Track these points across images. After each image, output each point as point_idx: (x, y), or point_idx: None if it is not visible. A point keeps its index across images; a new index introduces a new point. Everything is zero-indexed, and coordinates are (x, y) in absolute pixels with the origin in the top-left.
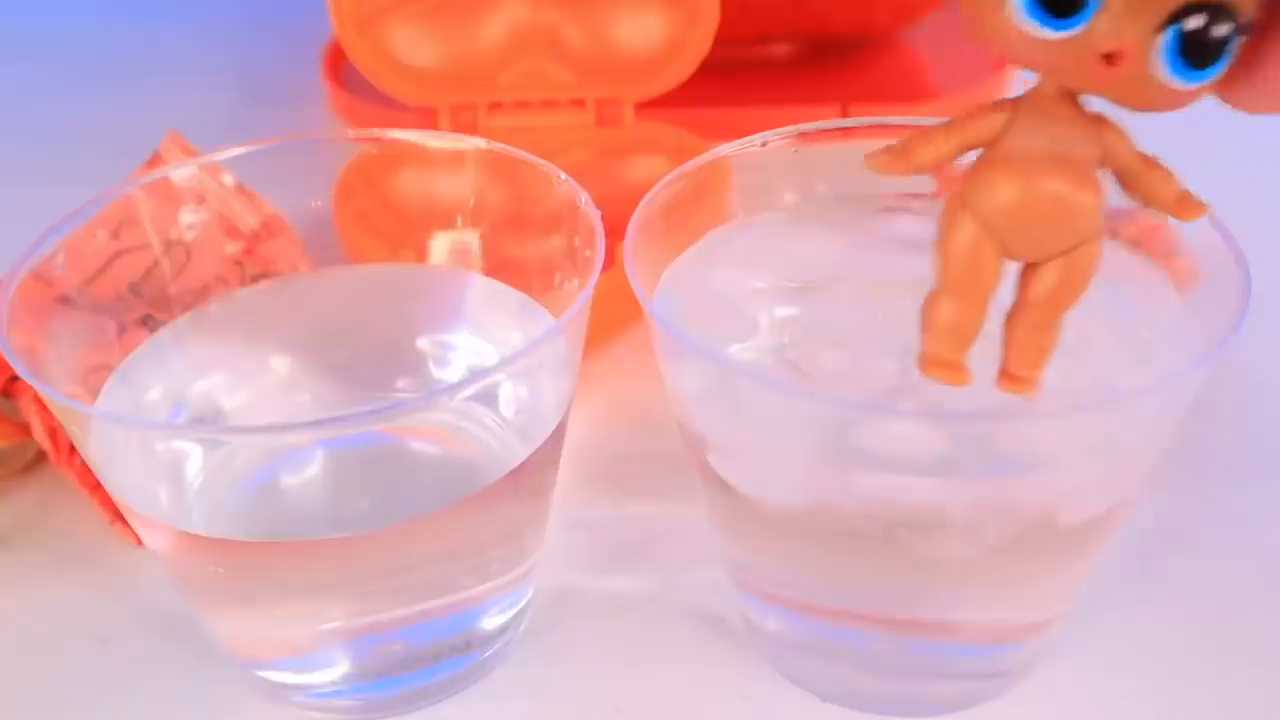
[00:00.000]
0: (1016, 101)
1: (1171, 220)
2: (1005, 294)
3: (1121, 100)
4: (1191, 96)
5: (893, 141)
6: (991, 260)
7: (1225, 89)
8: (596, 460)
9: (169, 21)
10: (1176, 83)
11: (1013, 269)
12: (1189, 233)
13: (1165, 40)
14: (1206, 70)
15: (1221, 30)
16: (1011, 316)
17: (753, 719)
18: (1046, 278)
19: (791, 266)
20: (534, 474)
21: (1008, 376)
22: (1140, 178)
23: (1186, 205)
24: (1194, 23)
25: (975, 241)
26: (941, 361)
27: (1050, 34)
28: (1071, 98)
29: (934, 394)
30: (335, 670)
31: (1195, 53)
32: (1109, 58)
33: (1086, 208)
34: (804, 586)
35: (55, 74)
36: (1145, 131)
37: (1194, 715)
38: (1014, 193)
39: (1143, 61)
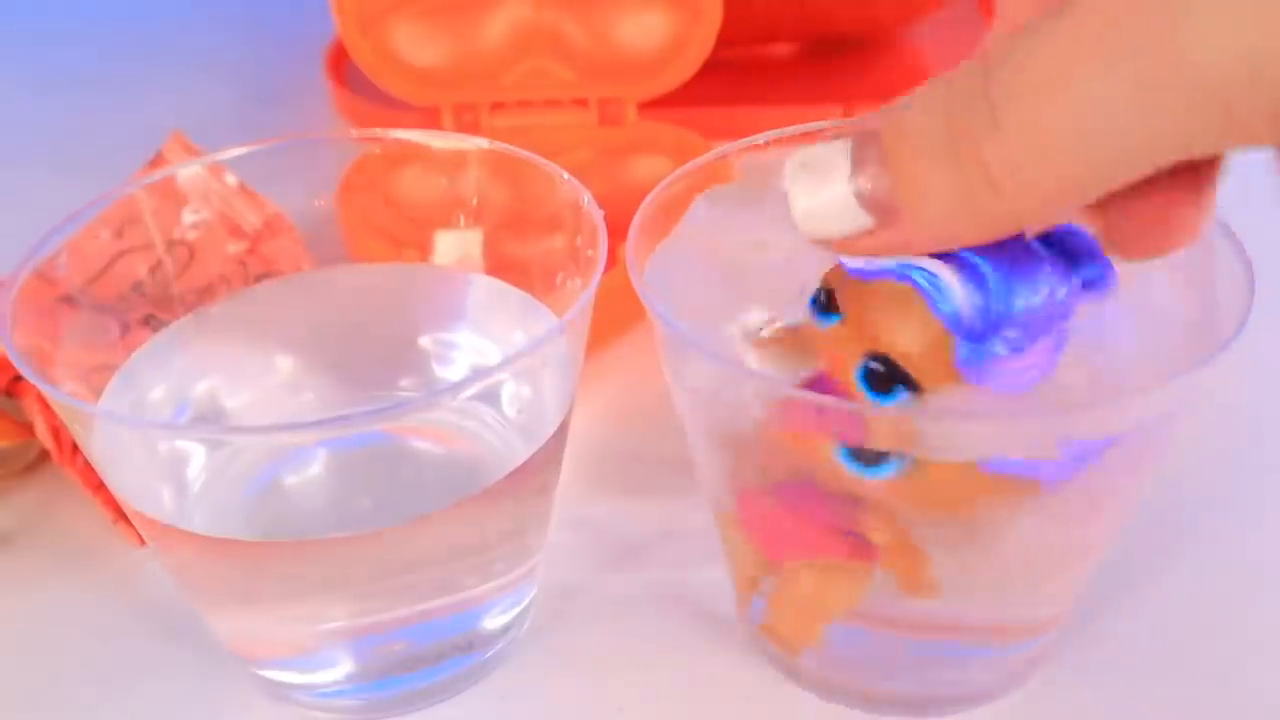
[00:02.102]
0: None
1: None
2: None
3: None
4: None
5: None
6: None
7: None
8: (599, 459)
9: (171, 22)
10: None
11: None
12: None
13: (859, 368)
14: (885, 398)
15: (892, 378)
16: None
17: (755, 718)
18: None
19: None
20: (536, 473)
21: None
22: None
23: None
24: (869, 362)
25: None
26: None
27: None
28: None
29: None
30: (337, 670)
31: (874, 382)
32: (831, 360)
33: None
34: None
35: (58, 74)
36: None
37: (1194, 715)
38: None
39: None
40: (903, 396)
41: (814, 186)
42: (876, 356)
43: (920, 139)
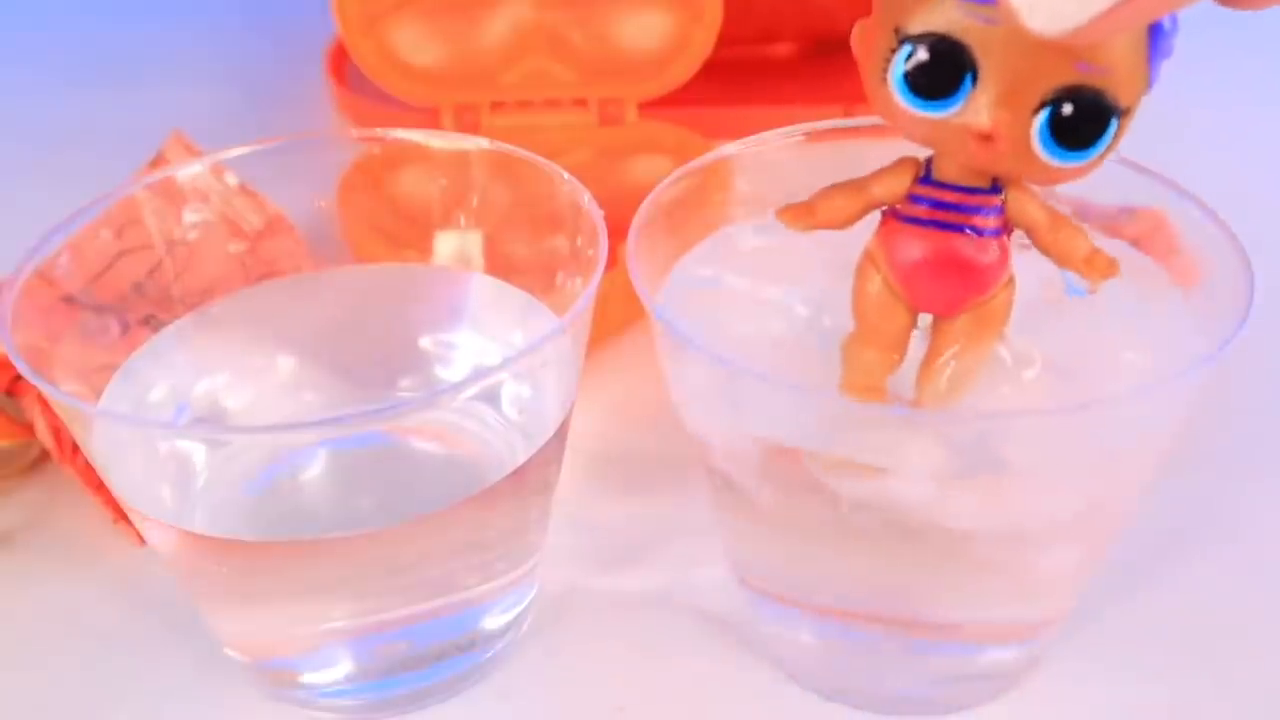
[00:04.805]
0: (922, 162)
1: (1172, 219)
2: None
3: (1004, 173)
4: (1078, 172)
5: (805, 200)
6: (900, 314)
7: None
8: (599, 459)
9: (171, 22)
10: (1055, 163)
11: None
12: (1190, 232)
13: (1039, 124)
14: (1085, 151)
15: (1096, 117)
16: (924, 365)
17: (755, 718)
18: (955, 329)
19: (797, 266)
20: (537, 473)
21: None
22: (1049, 234)
23: (1095, 264)
24: (1066, 109)
25: (882, 297)
26: (862, 388)
27: (927, 114)
28: None
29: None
30: (337, 669)
31: (1070, 137)
32: (984, 138)
33: (989, 266)
34: (806, 585)
35: (59, 74)
36: (1146, 131)
37: (1194, 715)
38: (916, 254)
39: (1018, 142)
40: (1112, 133)
41: None
42: (1072, 95)
43: None
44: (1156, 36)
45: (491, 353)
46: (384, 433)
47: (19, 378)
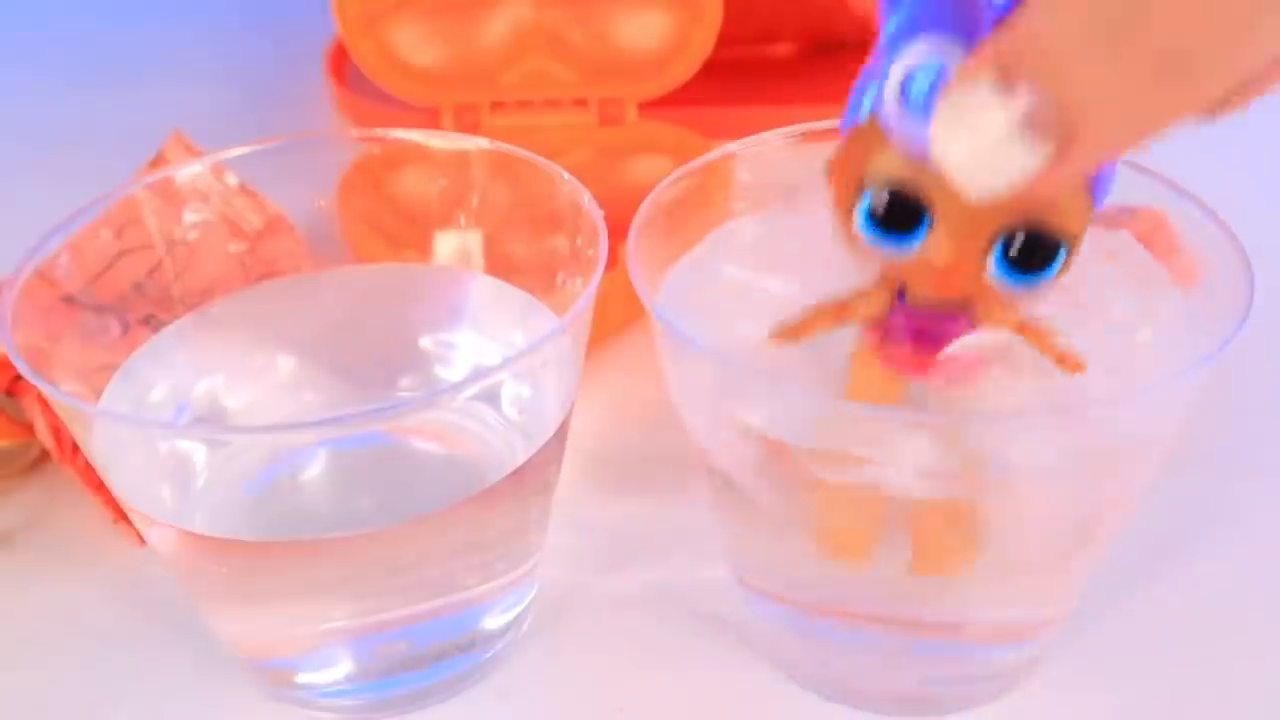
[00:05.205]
0: (898, 284)
1: (1173, 219)
2: None
3: (966, 298)
4: (1035, 294)
5: (793, 322)
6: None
7: None
8: (599, 459)
9: (171, 22)
10: (1011, 288)
11: None
12: (1190, 232)
13: (993, 257)
14: (1039, 275)
15: (1046, 247)
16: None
17: (755, 718)
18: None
19: (795, 265)
20: (537, 473)
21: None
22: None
23: (1065, 362)
24: (1018, 244)
25: (876, 383)
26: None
27: (890, 252)
28: None
29: (932, 395)
30: (337, 669)
31: (1023, 266)
32: (943, 274)
33: (970, 367)
34: (806, 586)
35: (59, 74)
36: None
37: (1194, 715)
38: (900, 364)
39: (975, 274)
40: (1061, 259)
41: (968, 136)
42: (1021, 230)
43: (1070, 39)
44: (1098, 173)
45: (491, 353)
46: (384, 433)
47: (19, 378)
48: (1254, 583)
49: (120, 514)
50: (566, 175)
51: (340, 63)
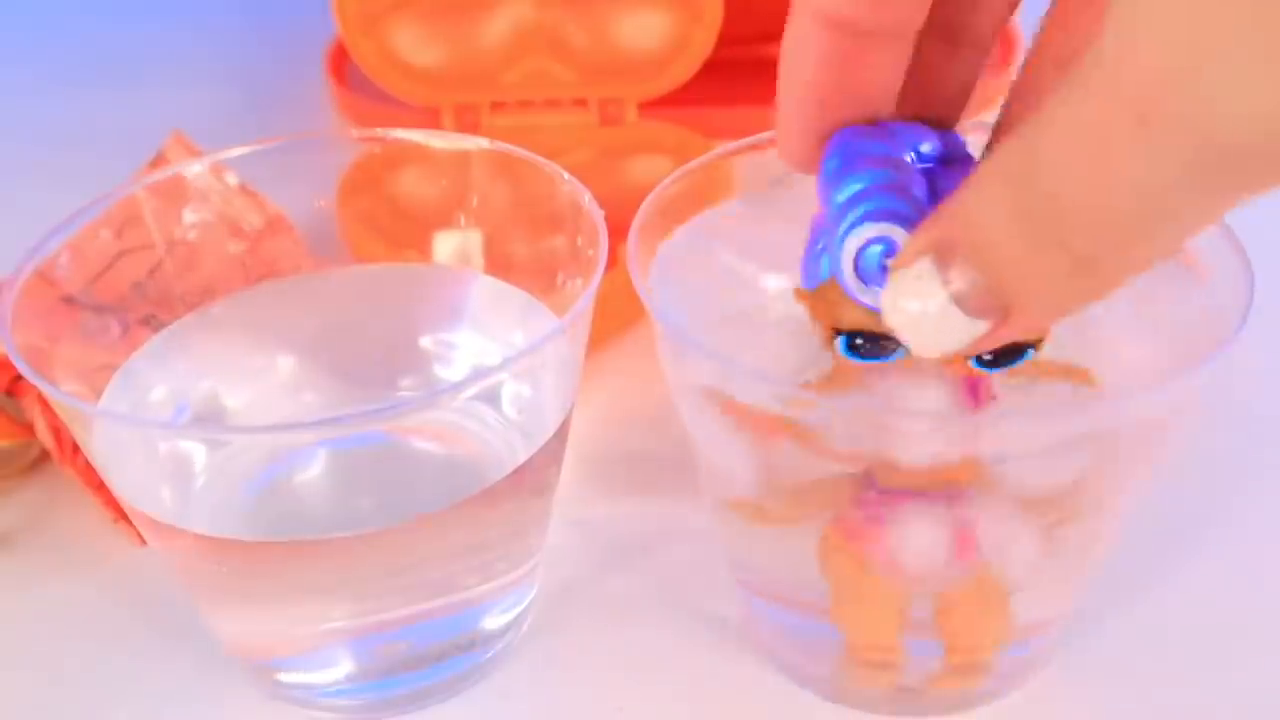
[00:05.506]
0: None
1: None
2: None
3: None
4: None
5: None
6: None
7: None
8: (599, 459)
9: (171, 22)
10: (988, 374)
11: None
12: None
13: (971, 361)
14: (1015, 362)
15: (1013, 351)
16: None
17: (754, 718)
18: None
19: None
20: (537, 473)
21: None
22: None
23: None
24: (987, 357)
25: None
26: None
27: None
28: None
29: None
30: (338, 669)
31: (995, 364)
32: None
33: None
34: (805, 585)
35: (59, 75)
36: None
37: (1194, 715)
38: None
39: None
40: (1031, 354)
41: (914, 309)
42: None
43: (997, 233)
44: None
45: (491, 353)
46: (384, 433)
47: (19, 378)
48: (1254, 583)
49: (120, 514)
50: (566, 175)
51: (340, 63)
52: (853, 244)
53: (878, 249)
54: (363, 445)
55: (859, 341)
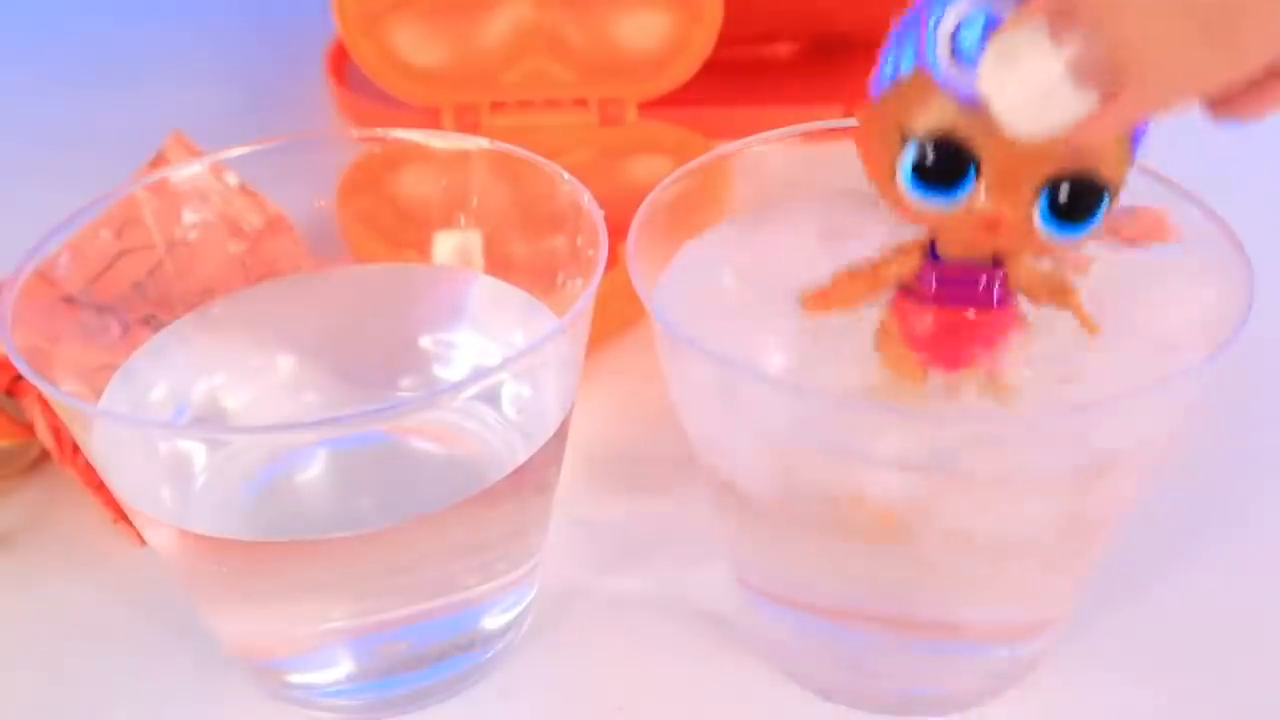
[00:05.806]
0: (928, 242)
1: (1172, 219)
2: None
3: (1006, 251)
4: (1076, 244)
5: (824, 287)
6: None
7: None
8: (599, 459)
9: (171, 22)
10: (1055, 239)
11: None
12: (1190, 232)
13: (1040, 207)
14: (1082, 225)
15: (1090, 196)
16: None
17: (754, 718)
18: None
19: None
20: (537, 473)
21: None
22: (1047, 298)
23: (1087, 324)
24: (1064, 193)
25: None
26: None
27: (936, 206)
28: None
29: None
30: (338, 669)
31: (1068, 216)
32: (989, 224)
33: (996, 333)
34: (805, 585)
35: (59, 75)
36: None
37: (1194, 715)
38: (928, 329)
39: (1020, 224)
40: (1105, 207)
41: (1019, 78)
42: (1067, 178)
43: None
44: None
45: (491, 353)
46: (384, 433)
47: (19, 378)
48: (1254, 582)
49: (120, 514)
50: (566, 175)
51: (340, 63)
52: (953, 16)
53: (979, 25)
54: (363, 445)
55: (929, 161)
